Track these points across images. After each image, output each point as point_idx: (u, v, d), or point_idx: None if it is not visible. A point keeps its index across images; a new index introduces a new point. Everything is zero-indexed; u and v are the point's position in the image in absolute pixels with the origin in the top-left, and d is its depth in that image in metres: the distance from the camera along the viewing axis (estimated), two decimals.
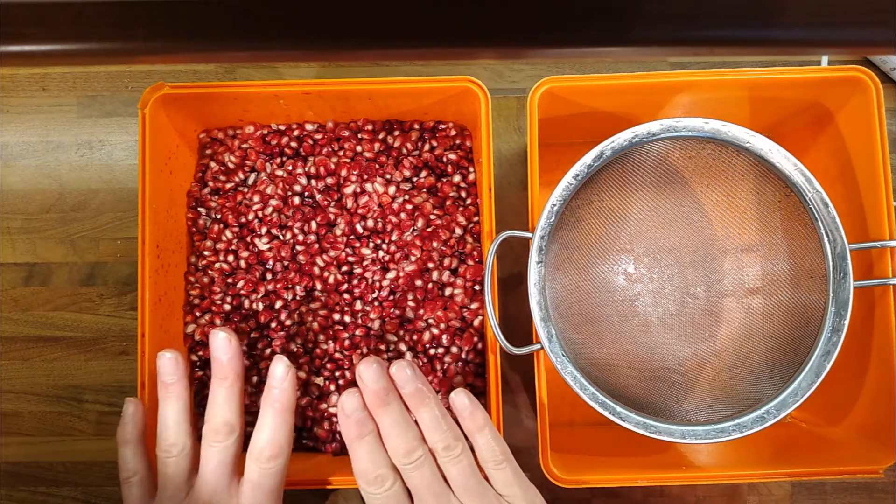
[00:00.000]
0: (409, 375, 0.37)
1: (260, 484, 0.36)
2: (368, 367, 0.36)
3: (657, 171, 0.42)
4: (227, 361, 0.37)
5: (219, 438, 0.37)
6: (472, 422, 0.37)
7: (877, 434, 0.41)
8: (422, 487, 0.36)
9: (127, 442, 0.39)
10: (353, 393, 0.37)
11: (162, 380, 0.38)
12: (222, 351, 0.37)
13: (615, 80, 0.41)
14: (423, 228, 0.47)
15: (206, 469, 0.37)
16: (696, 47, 0.17)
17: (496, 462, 0.37)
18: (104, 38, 0.16)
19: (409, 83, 0.43)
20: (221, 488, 0.37)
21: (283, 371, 0.37)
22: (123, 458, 0.39)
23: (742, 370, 0.42)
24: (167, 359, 0.38)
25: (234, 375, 0.37)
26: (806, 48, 0.18)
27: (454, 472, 0.36)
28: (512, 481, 0.37)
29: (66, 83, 0.54)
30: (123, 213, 0.53)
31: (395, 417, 0.36)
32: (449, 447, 0.36)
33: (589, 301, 0.44)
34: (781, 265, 0.43)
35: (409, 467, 0.36)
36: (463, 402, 0.37)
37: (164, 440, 0.37)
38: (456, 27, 0.16)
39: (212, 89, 0.43)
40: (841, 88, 0.43)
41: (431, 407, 0.37)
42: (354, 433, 0.36)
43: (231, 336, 0.37)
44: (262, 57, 0.17)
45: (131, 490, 0.38)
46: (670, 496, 0.51)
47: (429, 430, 0.36)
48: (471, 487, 0.36)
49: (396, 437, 0.36)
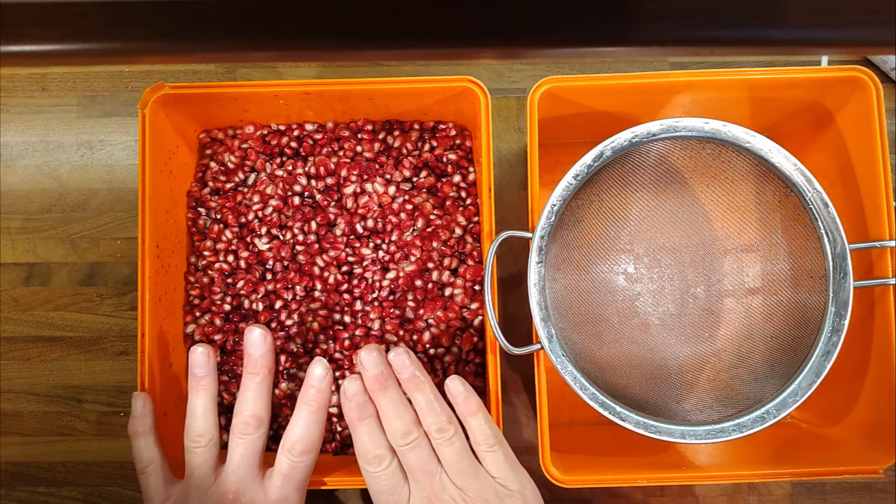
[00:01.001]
0: (405, 362, 0.39)
1: (290, 476, 0.38)
2: (369, 354, 0.38)
3: (657, 171, 0.42)
4: (259, 357, 0.39)
5: (248, 431, 0.39)
6: (466, 406, 0.38)
7: (877, 434, 0.41)
8: (416, 467, 0.38)
9: (139, 434, 0.40)
10: (355, 378, 0.39)
11: (193, 372, 0.40)
12: (257, 346, 0.39)
13: (615, 80, 0.41)
14: (423, 228, 0.47)
15: (234, 459, 0.39)
16: (696, 47, 0.17)
17: (489, 445, 0.38)
18: (104, 38, 0.16)
19: (409, 83, 0.43)
20: (249, 478, 0.38)
21: (322, 372, 0.39)
22: (138, 450, 0.40)
23: (742, 370, 0.42)
24: (200, 353, 0.40)
25: (265, 371, 0.39)
26: (806, 48, 0.18)
27: (447, 452, 0.38)
28: (503, 464, 0.38)
29: (66, 83, 0.54)
30: (123, 213, 0.53)
31: (393, 401, 0.38)
32: (442, 429, 0.38)
33: (589, 301, 0.44)
34: (781, 265, 0.43)
35: (406, 448, 0.38)
36: (457, 387, 0.39)
37: (193, 431, 0.39)
38: (456, 27, 0.16)
39: (212, 89, 0.43)
40: (841, 88, 0.43)
41: (426, 391, 0.38)
42: (356, 415, 0.38)
43: (266, 333, 0.40)
44: (262, 57, 0.17)
45: (149, 479, 0.39)
46: (670, 496, 0.51)
47: (424, 413, 0.38)
48: (463, 468, 0.37)
49: (394, 419, 0.38)
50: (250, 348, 0.39)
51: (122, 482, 0.51)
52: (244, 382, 0.40)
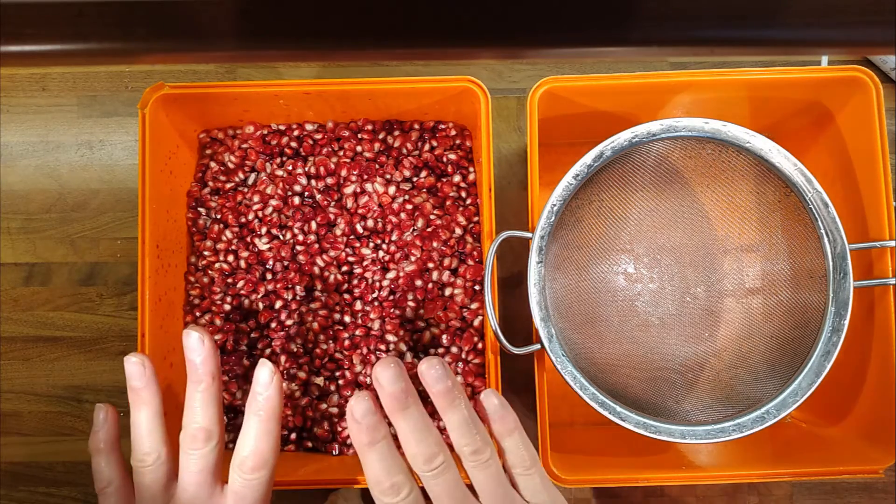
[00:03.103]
0: (439, 373, 0.34)
1: (243, 496, 0.34)
2: (386, 369, 0.33)
3: (657, 171, 0.42)
4: (201, 363, 0.35)
5: (196, 445, 0.35)
6: (503, 425, 0.35)
7: (877, 434, 0.41)
8: (443, 495, 0.33)
9: (99, 451, 0.37)
10: (363, 397, 0.34)
11: (130, 385, 0.36)
12: (196, 352, 0.35)
13: (615, 80, 0.41)
14: (423, 228, 0.47)
15: (185, 478, 0.35)
16: (696, 47, 0.17)
17: (525, 468, 0.35)
18: (104, 38, 0.16)
19: (409, 83, 0.43)
20: (202, 497, 0.35)
21: (268, 376, 0.35)
22: (98, 468, 0.37)
23: (742, 370, 0.42)
24: (133, 363, 0.36)
25: (209, 378, 0.35)
26: (806, 48, 0.18)
27: (481, 477, 0.34)
28: (540, 489, 0.35)
29: (66, 83, 0.54)
30: (123, 213, 0.53)
31: (415, 423, 0.34)
32: (477, 451, 0.34)
33: (589, 301, 0.44)
34: (781, 265, 0.43)
35: (430, 475, 0.33)
36: (493, 403, 0.35)
37: (138, 450, 0.35)
38: (456, 27, 0.16)
39: (212, 89, 0.43)
40: (841, 88, 0.42)
41: (461, 409, 0.34)
42: (366, 439, 0.33)
43: (204, 335, 0.35)
44: (262, 57, 0.17)
45: (108, 500, 0.36)
46: (670, 496, 0.51)
47: (457, 434, 0.34)
48: (499, 494, 0.34)
49: (417, 443, 0.33)
50: (189, 353, 0.35)
51: None
52: (188, 392, 0.35)
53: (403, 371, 0.34)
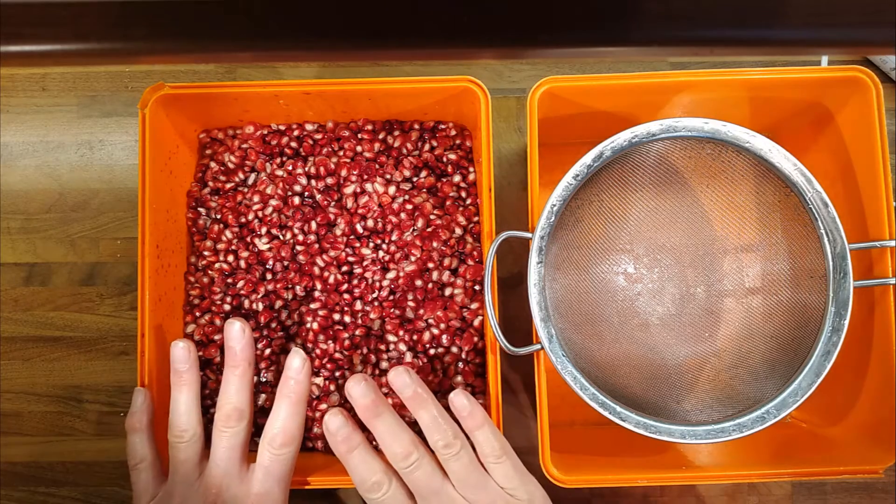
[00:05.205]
0: (406, 381, 0.38)
1: (271, 469, 0.38)
2: (357, 385, 0.38)
3: (657, 171, 0.42)
4: (240, 350, 0.40)
5: (230, 424, 0.39)
6: (472, 420, 0.38)
7: (877, 434, 0.41)
8: (422, 486, 0.37)
9: (136, 430, 0.40)
10: (335, 413, 0.39)
11: (175, 367, 0.40)
12: (236, 339, 0.40)
13: (615, 80, 0.41)
14: (423, 228, 0.47)
15: (217, 454, 0.39)
16: (696, 47, 0.17)
17: (496, 457, 0.38)
18: (104, 38, 0.16)
19: (409, 83, 0.43)
20: (232, 472, 0.39)
21: (300, 363, 0.39)
22: (132, 446, 0.40)
23: (742, 370, 0.42)
24: (180, 348, 0.40)
25: (245, 364, 0.40)
26: (806, 48, 0.18)
27: (455, 467, 0.37)
28: (512, 474, 0.38)
29: (66, 83, 0.54)
30: (123, 213, 0.53)
31: (389, 425, 0.38)
32: (449, 444, 0.37)
33: (589, 301, 0.44)
34: (781, 265, 0.43)
35: (408, 470, 0.37)
36: (462, 402, 0.38)
37: (176, 426, 0.39)
38: (456, 27, 0.16)
39: (212, 89, 0.43)
40: (841, 88, 0.43)
41: (430, 408, 0.38)
42: (343, 448, 0.38)
43: (245, 326, 0.40)
44: (262, 57, 0.17)
45: (140, 476, 0.40)
46: (670, 496, 0.51)
47: (429, 430, 0.38)
48: (472, 482, 0.37)
49: (392, 443, 0.37)
50: (231, 341, 0.40)
51: (122, 482, 0.51)
52: (225, 376, 0.40)
53: (372, 384, 0.38)
